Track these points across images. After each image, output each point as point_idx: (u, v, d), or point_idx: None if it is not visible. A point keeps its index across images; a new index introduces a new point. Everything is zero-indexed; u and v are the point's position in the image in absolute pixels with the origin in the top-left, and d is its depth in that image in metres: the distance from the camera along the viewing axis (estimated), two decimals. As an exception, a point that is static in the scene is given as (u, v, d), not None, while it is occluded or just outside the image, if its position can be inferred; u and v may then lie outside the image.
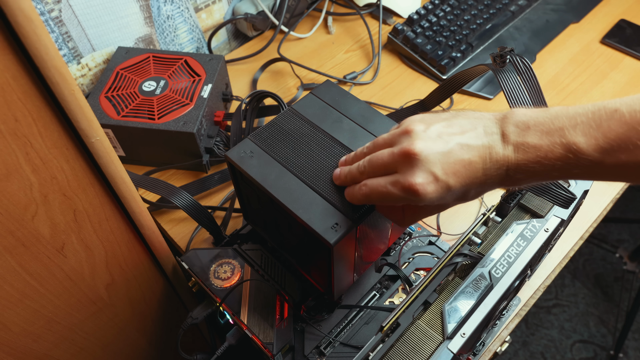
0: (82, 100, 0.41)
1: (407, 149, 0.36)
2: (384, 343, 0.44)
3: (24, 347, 0.56)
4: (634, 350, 1.52)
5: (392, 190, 0.37)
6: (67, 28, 0.74)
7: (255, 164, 0.46)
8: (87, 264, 0.55)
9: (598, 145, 0.31)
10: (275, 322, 0.52)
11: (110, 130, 0.70)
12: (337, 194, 0.44)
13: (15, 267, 0.47)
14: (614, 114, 0.31)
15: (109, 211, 0.53)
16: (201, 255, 0.58)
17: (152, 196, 0.72)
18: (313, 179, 0.45)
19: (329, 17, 1.01)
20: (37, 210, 0.45)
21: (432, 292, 0.48)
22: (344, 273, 0.48)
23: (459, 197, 0.37)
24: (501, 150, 0.34)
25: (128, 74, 0.75)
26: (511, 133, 0.34)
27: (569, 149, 0.32)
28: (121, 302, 0.65)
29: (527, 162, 0.34)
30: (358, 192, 0.40)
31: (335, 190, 0.44)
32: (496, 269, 0.46)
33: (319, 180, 0.45)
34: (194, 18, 0.89)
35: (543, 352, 1.52)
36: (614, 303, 1.60)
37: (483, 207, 0.71)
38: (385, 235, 0.52)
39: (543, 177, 0.34)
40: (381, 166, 0.38)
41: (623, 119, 0.31)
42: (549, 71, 0.90)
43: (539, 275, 0.65)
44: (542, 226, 0.49)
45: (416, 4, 1.02)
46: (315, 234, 0.41)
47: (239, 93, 0.87)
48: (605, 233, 1.75)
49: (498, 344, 0.62)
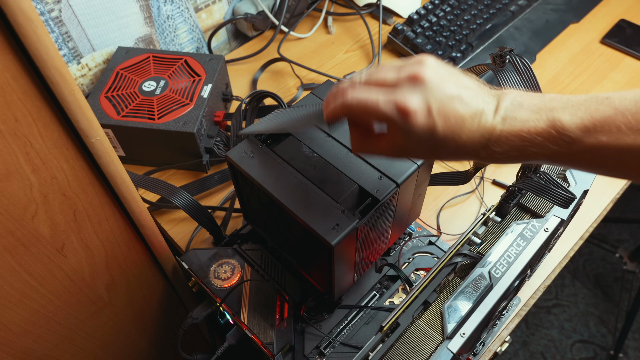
0: (82, 100, 0.41)
1: (417, 72, 0.34)
2: (383, 343, 0.44)
3: (24, 347, 0.56)
4: (634, 350, 1.52)
5: (381, 105, 0.34)
6: (67, 28, 0.74)
7: (255, 164, 0.46)
8: (87, 263, 0.55)
9: (582, 124, 0.32)
10: (275, 322, 0.52)
11: (110, 130, 0.70)
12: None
13: (15, 267, 0.47)
14: (604, 100, 0.32)
15: (109, 211, 0.53)
16: (201, 255, 0.58)
17: (152, 196, 0.72)
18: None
19: (329, 17, 1.01)
20: (37, 210, 0.45)
21: (432, 292, 0.48)
22: (344, 273, 0.48)
23: (431, 148, 0.35)
24: (490, 118, 0.34)
25: (128, 74, 0.75)
26: (505, 107, 0.35)
27: (553, 125, 0.33)
28: (121, 302, 0.65)
29: (509, 135, 0.34)
30: (338, 98, 0.36)
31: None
32: (496, 269, 0.46)
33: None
34: (194, 18, 0.89)
35: (543, 352, 1.52)
36: (614, 303, 1.60)
37: (483, 207, 0.71)
38: (385, 235, 0.52)
39: (519, 152, 0.34)
40: (380, 81, 0.36)
41: (612, 104, 0.32)
42: (549, 71, 0.90)
43: (539, 275, 0.65)
44: (542, 226, 0.49)
45: (416, 4, 1.02)
46: (316, 234, 0.41)
47: (239, 93, 0.87)
48: (605, 233, 1.75)
49: (498, 344, 0.62)
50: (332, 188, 0.44)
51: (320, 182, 0.45)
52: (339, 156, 0.47)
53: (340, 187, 0.44)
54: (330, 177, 0.45)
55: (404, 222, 0.54)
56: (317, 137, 0.48)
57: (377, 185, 0.45)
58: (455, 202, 0.72)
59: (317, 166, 0.46)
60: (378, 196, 0.44)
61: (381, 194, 0.44)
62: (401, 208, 0.50)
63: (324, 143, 0.48)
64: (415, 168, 0.46)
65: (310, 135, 0.49)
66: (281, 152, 0.47)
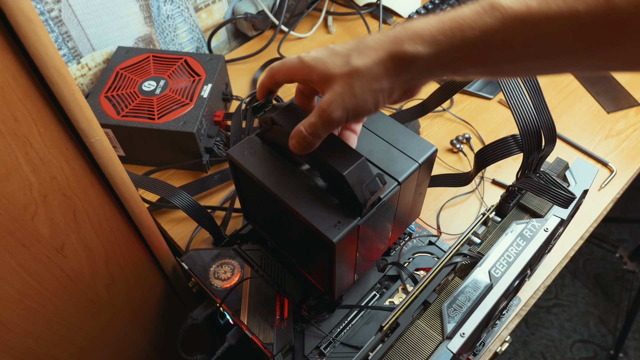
0: (82, 100, 0.41)
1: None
2: (383, 343, 0.44)
3: (24, 347, 0.56)
4: (634, 350, 1.52)
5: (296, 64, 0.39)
6: (67, 28, 0.74)
7: (257, 162, 0.46)
8: (86, 263, 0.55)
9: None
10: (275, 322, 0.52)
11: (110, 130, 0.70)
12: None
13: (15, 267, 0.47)
14: None
15: (109, 211, 0.53)
16: (201, 256, 0.58)
17: (152, 196, 0.72)
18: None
19: (329, 17, 1.00)
20: (37, 210, 0.45)
21: (432, 292, 0.48)
22: (345, 272, 0.48)
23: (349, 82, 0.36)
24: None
25: (128, 74, 0.75)
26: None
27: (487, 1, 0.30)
28: (121, 301, 0.65)
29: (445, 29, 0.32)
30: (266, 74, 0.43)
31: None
32: (496, 269, 0.46)
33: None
34: (193, 18, 0.89)
35: (543, 351, 1.52)
36: (614, 303, 1.60)
37: (483, 206, 0.71)
38: (385, 235, 0.52)
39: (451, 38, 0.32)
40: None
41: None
42: (549, 71, 0.90)
43: (539, 275, 0.65)
44: (542, 226, 0.49)
45: (416, 4, 1.02)
46: (318, 232, 0.41)
47: (239, 93, 0.87)
48: (605, 233, 1.75)
49: (498, 343, 0.62)
50: (334, 186, 0.44)
51: (325, 153, 0.42)
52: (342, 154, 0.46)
53: (342, 186, 0.44)
54: (335, 149, 0.43)
55: (404, 221, 0.54)
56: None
57: None
58: (455, 202, 0.72)
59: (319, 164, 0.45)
60: (379, 194, 0.43)
61: (383, 192, 0.44)
62: (402, 207, 0.50)
63: (325, 141, 0.46)
64: (417, 167, 0.46)
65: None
66: (282, 119, 0.45)
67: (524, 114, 0.45)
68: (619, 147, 0.79)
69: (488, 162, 0.51)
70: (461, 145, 0.79)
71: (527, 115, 0.45)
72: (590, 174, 0.53)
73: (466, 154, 0.78)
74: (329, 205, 0.43)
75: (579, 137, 0.80)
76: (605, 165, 0.77)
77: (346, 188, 0.41)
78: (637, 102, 0.85)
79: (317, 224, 0.42)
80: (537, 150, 0.46)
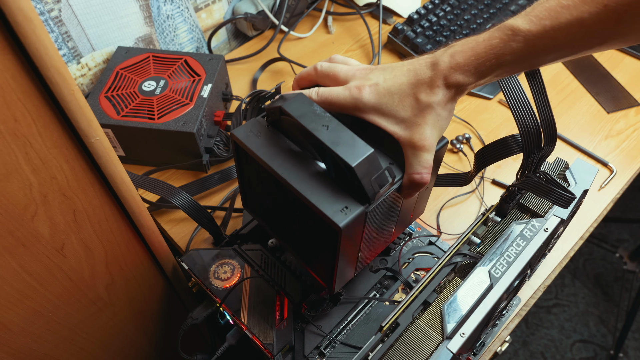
0: (82, 100, 0.41)
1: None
2: (383, 343, 0.44)
3: (24, 347, 0.56)
4: (634, 350, 1.52)
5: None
6: (67, 28, 0.74)
7: (262, 144, 0.44)
8: (86, 264, 0.55)
9: (528, 19, 0.38)
10: (275, 322, 0.52)
11: (110, 130, 0.70)
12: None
13: (15, 267, 0.47)
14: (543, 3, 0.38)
15: (109, 211, 0.53)
16: (201, 256, 0.58)
17: (152, 196, 0.72)
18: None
19: (329, 17, 1.01)
20: (37, 211, 0.45)
21: (432, 292, 0.48)
22: (347, 262, 0.47)
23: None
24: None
25: (128, 74, 0.75)
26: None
27: (507, 28, 0.38)
28: (121, 302, 0.65)
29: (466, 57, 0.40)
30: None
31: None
32: (496, 269, 0.46)
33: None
34: (193, 18, 0.89)
35: (543, 351, 1.52)
36: (614, 303, 1.60)
37: (483, 206, 0.71)
38: (389, 228, 0.52)
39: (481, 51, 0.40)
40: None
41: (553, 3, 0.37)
42: (549, 71, 0.90)
43: (539, 275, 0.65)
44: (542, 226, 0.49)
45: (416, 4, 1.02)
46: (324, 216, 0.40)
47: (239, 93, 0.87)
48: (605, 233, 1.75)
49: (498, 343, 0.62)
50: (341, 170, 0.41)
51: (334, 145, 0.41)
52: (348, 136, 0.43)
53: (347, 170, 0.41)
54: (345, 140, 0.41)
55: (407, 216, 0.54)
56: (325, 119, 0.43)
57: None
58: (455, 202, 0.72)
59: (330, 126, 0.42)
60: (388, 188, 0.43)
61: (392, 186, 0.43)
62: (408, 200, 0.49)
63: (333, 125, 0.43)
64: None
65: (319, 117, 0.44)
66: (291, 109, 0.43)
67: (524, 114, 0.45)
68: (619, 147, 0.79)
69: (488, 162, 0.51)
70: (461, 145, 0.79)
71: (527, 115, 0.45)
72: (590, 174, 0.53)
73: (466, 154, 0.78)
74: (335, 190, 0.41)
75: (579, 137, 0.80)
76: (605, 165, 0.77)
77: (355, 180, 0.40)
78: (637, 102, 0.85)
79: (324, 208, 0.40)
80: (537, 150, 0.46)
